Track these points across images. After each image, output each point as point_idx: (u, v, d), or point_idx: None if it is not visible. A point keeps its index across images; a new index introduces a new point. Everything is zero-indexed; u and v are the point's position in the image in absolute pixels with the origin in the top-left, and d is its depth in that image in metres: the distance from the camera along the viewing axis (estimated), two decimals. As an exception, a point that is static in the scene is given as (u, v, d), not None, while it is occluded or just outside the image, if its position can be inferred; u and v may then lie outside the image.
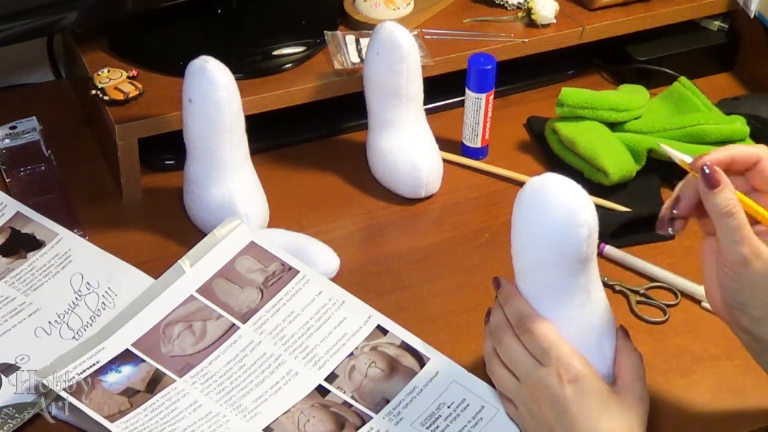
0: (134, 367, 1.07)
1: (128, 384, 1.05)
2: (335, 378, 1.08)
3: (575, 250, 0.98)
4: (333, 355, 1.10)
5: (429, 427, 1.05)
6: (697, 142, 1.31)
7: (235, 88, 1.19)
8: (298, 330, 1.12)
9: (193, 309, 1.12)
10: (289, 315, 1.13)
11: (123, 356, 1.07)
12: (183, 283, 1.13)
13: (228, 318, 1.12)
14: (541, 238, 0.98)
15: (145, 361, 1.07)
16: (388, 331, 1.12)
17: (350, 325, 1.12)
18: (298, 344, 1.11)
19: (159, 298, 1.11)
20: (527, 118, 1.42)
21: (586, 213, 0.97)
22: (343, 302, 1.14)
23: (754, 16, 1.46)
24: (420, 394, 1.08)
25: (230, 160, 1.21)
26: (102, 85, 1.28)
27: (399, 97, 1.27)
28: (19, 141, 1.33)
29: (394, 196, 1.31)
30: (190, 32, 1.38)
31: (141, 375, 1.06)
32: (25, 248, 1.22)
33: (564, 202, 0.97)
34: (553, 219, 0.97)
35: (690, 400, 1.09)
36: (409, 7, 1.42)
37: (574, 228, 0.97)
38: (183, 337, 1.10)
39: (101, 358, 1.07)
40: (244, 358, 1.09)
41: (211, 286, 1.13)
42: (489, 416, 1.06)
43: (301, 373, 1.09)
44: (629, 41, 1.48)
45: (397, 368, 1.10)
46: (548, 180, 0.99)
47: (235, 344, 1.10)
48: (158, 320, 1.10)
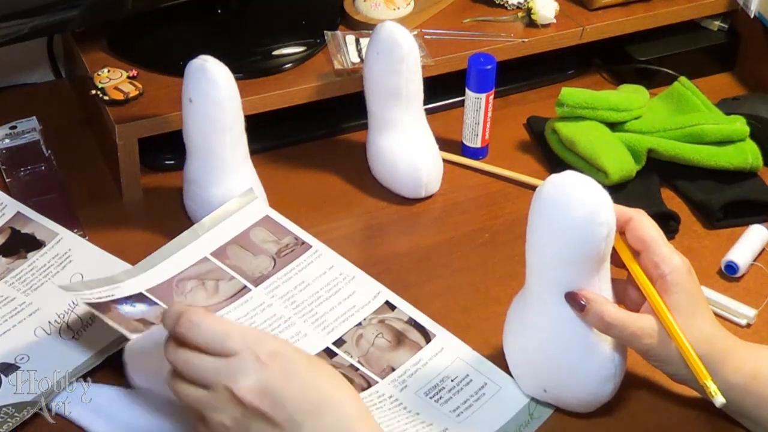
0: (148, 306, 1.07)
1: (143, 316, 1.05)
2: (343, 343, 1.10)
3: (593, 249, 0.98)
4: (342, 323, 1.12)
5: (432, 397, 1.07)
6: (697, 142, 1.32)
7: (235, 87, 1.19)
8: (308, 297, 1.14)
9: (206, 269, 1.13)
10: (300, 284, 1.14)
11: (137, 297, 1.07)
12: (197, 245, 1.14)
13: (240, 280, 1.13)
14: (561, 236, 0.98)
15: (158, 304, 1.07)
16: (396, 307, 1.14)
17: (359, 299, 1.14)
18: (308, 310, 1.12)
19: (172, 257, 1.12)
20: (527, 118, 1.42)
21: (606, 213, 0.98)
22: (354, 277, 1.16)
23: (754, 16, 1.46)
24: (425, 366, 1.09)
25: (230, 159, 1.21)
26: (102, 85, 1.28)
27: (399, 97, 1.27)
28: (19, 141, 1.33)
29: (394, 196, 1.31)
30: (190, 32, 1.38)
31: (155, 313, 1.06)
32: (25, 248, 1.22)
33: (586, 200, 0.97)
34: (574, 217, 0.97)
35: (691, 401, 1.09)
36: (409, 7, 1.42)
37: (594, 227, 0.97)
38: (195, 292, 1.11)
39: (116, 293, 1.07)
40: (254, 317, 1.11)
41: (225, 250, 1.15)
42: (491, 393, 1.07)
43: (310, 335, 1.10)
44: (629, 41, 1.48)
45: (404, 341, 1.11)
46: (570, 178, 0.99)
47: (246, 303, 1.12)
48: (172, 275, 1.11)
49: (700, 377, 0.99)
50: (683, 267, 1.01)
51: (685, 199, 1.32)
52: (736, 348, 1.02)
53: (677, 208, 1.29)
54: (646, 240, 1.01)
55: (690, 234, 1.28)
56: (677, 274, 1.00)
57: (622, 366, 1.04)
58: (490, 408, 1.06)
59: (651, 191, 1.31)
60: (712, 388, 0.99)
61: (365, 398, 1.05)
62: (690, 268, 1.02)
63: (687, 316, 1.00)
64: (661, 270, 1.00)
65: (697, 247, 1.26)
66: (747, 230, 1.26)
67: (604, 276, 1.01)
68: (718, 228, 1.28)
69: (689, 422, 1.07)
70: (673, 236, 1.27)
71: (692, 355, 0.99)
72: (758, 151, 1.32)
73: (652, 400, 1.08)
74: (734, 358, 1.01)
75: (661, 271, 1.00)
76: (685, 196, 1.32)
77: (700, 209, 1.30)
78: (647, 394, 1.09)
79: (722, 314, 1.17)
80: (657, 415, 1.08)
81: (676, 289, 1.00)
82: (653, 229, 1.02)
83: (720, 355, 1.00)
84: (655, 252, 1.01)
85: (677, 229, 1.27)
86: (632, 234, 1.02)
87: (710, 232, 1.28)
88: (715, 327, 1.02)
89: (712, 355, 1.00)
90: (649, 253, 1.01)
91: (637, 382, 1.09)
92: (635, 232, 1.01)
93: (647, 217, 1.02)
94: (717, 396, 0.99)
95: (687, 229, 1.28)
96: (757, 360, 1.01)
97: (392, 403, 1.06)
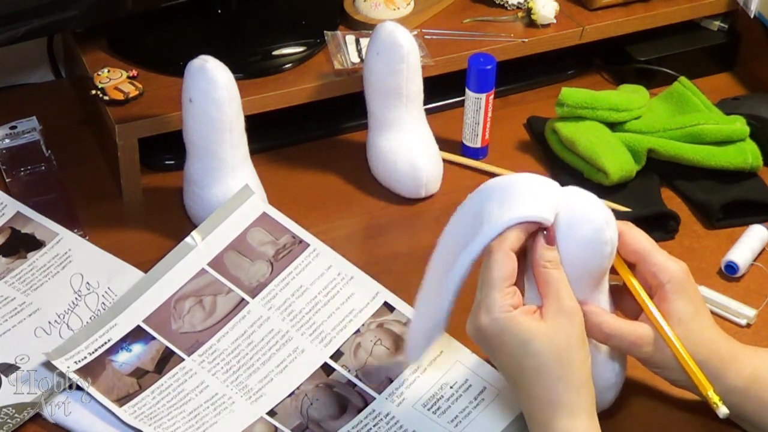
0: (144, 345, 1.09)
1: (138, 364, 1.08)
2: (341, 356, 1.10)
3: (597, 267, 0.98)
4: (339, 332, 1.12)
5: (430, 408, 1.07)
6: (697, 142, 1.31)
7: (235, 87, 1.19)
8: (306, 305, 1.14)
9: (204, 283, 1.14)
10: (297, 289, 1.15)
11: (134, 333, 1.10)
12: (194, 256, 1.15)
13: (238, 292, 1.14)
14: (565, 255, 0.97)
15: (155, 338, 1.09)
16: (395, 308, 1.14)
17: (358, 302, 1.14)
18: (306, 320, 1.13)
19: (170, 272, 1.13)
20: (527, 118, 1.42)
21: (610, 230, 0.98)
22: (352, 278, 1.16)
23: (754, 16, 1.46)
24: (423, 373, 1.09)
25: (230, 159, 1.21)
26: (102, 85, 1.28)
27: (399, 97, 1.28)
28: (19, 141, 1.33)
29: (394, 196, 1.31)
30: (190, 32, 1.38)
31: (151, 354, 1.09)
32: (25, 248, 1.22)
33: (591, 219, 0.97)
34: (579, 236, 0.97)
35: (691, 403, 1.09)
36: (409, 7, 1.42)
37: (599, 245, 0.97)
38: (193, 313, 1.12)
39: (113, 336, 1.09)
40: (252, 335, 1.11)
41: (223, 259, 1.15)
42: (490, 398, 1.07)
43: (307, 351, 1.10)
44: (629, 41, 1.48)
45: (402, 346, 1.11)
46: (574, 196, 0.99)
47: (243, 320, 1.12)
48: (170, 295, 1.12)
49: (702, 389, 0.99)
50: (682, 273, 1.01)
51: (685, 199, 1.32)
52: (737, 352, 1.02)
53: (677, 208, 1.29)
54: (640, 252, 1.01)
55: (690, 234, 1.28)
56: (676, 281, 1.00)
57: (621, 374, 1.04)
58: (489, 414, 1.06)
59: (651, 191, 1.31)
60: (714, 399, 0.99)
61: (361, 422, 1.06)
62: (688, 273, 1.02)
63: (688, 322, 1.00)
64: (660, 279, 1.01)
65: (697, 247, 1.26)
66: (747, 230, 1.26)
67: (603, 288, 1.01)
68: (718, 228, 1.28)
69: (689, 424, 1.07)
70: (673, 236, 1.27)
71: (693, 367, 0.99)
72: (758, 151, 1.32)
73: (652, 403, 1.08)
74: (735, 362, 1.01)
75: (659, 280, 1.01)
76: (685, 196, 1.32)
77: (700, 209, 1.30)
78: (647, 396, 1.09)
79: (722, 314, 1.17)
80: (657, 417, 1.08)
81: (677, 296, 1.00)
82: (645, 240, 1.02)
83: (720, 359, 1.00)
84: (651, 262, 1.01)
85: (677, 229, 1.27)
86: (625, 248, 1.01)
87: (710, 232, 1.28)
88: (716, 331, 1.02)
89: (712, 359, 1.00)
90: (645, 264, 1.01)
91: (636, 385, 1.09)
92: (628, 246, 1.01)
93: (637, 229, 1.02)
94: (720, 407, 0.98)
95: (687, 229, 1.28)
96: (758, 363, 1.01)
97: (388, 422, 1.06)
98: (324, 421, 1.06)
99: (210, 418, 1.05)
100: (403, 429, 1.05)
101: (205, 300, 1.13)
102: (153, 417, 1.04)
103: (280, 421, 1.06)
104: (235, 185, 1.21)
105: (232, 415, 1.06)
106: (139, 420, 1.03)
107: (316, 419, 1.06)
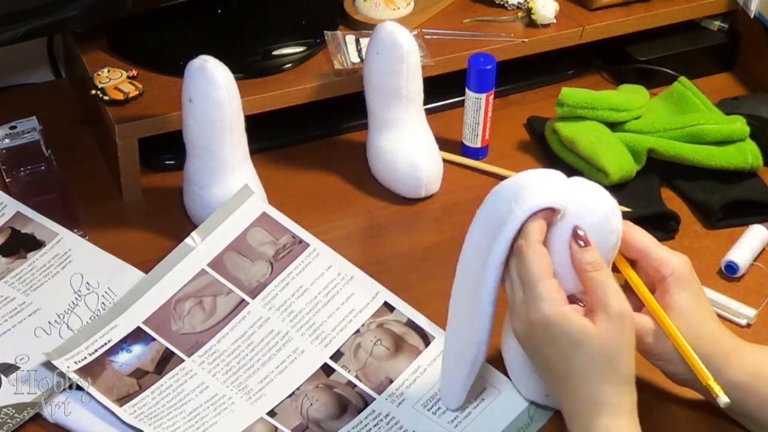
0: (145, 346, 1.09)
1: (138, 365, 1.08)
2: (341, 356, 1.10)
3: (603, 257, 0.98)
4: (339, 332, 1.12)
5: (430, 408, 1.07)
6: (697, 142, 1.31)
7: (235, 87, 1.19)
8: (306, 305, 1.14)
9: (204, 284, 1.14)
10: (297, 290, 1.15)
11: (134, 334, 1.10)
12: (194, 256, 1.15)
13: (238, 293, 1.14)
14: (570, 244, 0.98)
15: (155, 339, 1.09)
16: (395, 308, 1.14)
17: (357, 302, 1.14)
18: (306, 320, 1.13)
19: (170, 273, 1.13)
20: (527, 118, 1.42)
21: (616, 220, 0.98)
22: (352, 278, 1.16)
23: (754, 16, 1.46)
24: (423, 373, 1.09)
25: (230, 159, 1.21)
26: (102, 85, 1.28)
27: (399, 97, 1.28)
28: (19, 141, 1.33)
29: (394, 196, 1.31)
30: (190, 32, 1.38)
31: (151, 355, 1.09)
32: (25, 248, 1.22)
33: (598, 209, 0.97)
34: (585, 226, 0.97)
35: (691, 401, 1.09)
36: (409, 7, 1.42)
37: (605, 234, 0.98)
38: (193, 314, 1.12)
39: (113, 337, 1.09)
40: (252, 336, 1.11)
41: (223, 259, 1.15)
42: (491, 398, 1.07)
43: (307, 351, 1.10)
44: (629, 41, 1.48)
45: (402, 346, 1.11)
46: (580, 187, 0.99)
47: (243, 321, 1.12)
48: (170, 296, 1.12)
49: (703, 379, 0.99)
50: (684, 266, 1.01)
51: (685, 199, 1.32)
52: (739, 347, 1.02)
53: (677, 208, 1.29)
54: (641, 248, 1.01)
55: (690, 234, 1.28)
56: (678, 273, 1.01)
57: None
58: (489, 413, 1.06)
59: (651, 191, 1.31)
60: (715, 389, 0.99)
61: (361, 422, 1.06)
62: (690, 266, 1.02)
63: (690, 315, 1.00)
64: (662, 273, 1.01)
65: (697, 247, 1.26)
66: (747, 230, 1.26)
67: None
68: (718, 228, 1.28)
69: (689, 422, 1.07)
70: (673, 236, 1.27)
71: (692, 357, 0.99)
72: (758, 151, 1.32)
73: (652, 401, 1.08)
74: (737, 357, 1.01)
75: (661, 273, 1.01)
76: (685, 196, 1.32)
77: (700, 209, 1.30)
78: (647, 394, 1.09)
79: (722, 314, 1.17)
80: (657, 415, 1.08)
81: (679, 289, 1.00)
82: (645, 236, 1.02)
83: (723, 353, 1.00)
84: (652, 257, 1.01)
85: (677, 229, 1.27)
86: (626, 246, 1.01)
87: (710, 232, 1.28)
88: (718, 325, 1.02)
89: (714, 353, 1.00)
90: (647, 259, 1.01)
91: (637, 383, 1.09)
92: (628, 243, 1.01)
93: (635, 226, 1.02)
94: (721, 396, 0.98)
95: (687, 229, 1.28)
96: (760, 360, 1.01)
97: (388, 423, 1.06)
98: (324, 421, 1.06)
99: (210, 418, 1.05)
100: (403, 429, 1.05)
101: (205, 301, 1.13)
102: (153, 417, 1.04)
103: (280, 421, 1.06)
104: (235, 185, 1.21)
105: (232, 416, 1.06)
106: (139, 420, 1.04)
107: (316, 419, 1.06)
